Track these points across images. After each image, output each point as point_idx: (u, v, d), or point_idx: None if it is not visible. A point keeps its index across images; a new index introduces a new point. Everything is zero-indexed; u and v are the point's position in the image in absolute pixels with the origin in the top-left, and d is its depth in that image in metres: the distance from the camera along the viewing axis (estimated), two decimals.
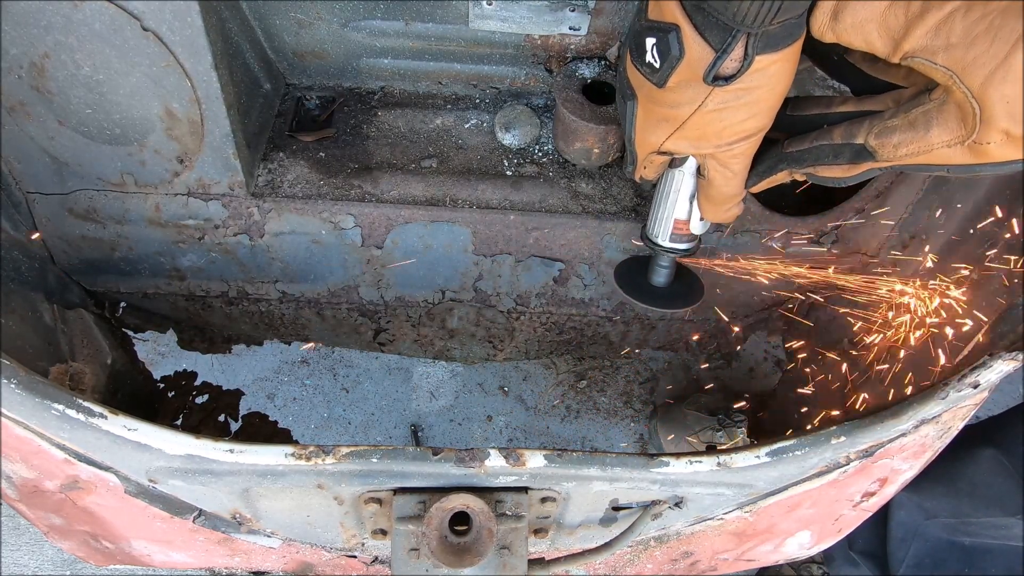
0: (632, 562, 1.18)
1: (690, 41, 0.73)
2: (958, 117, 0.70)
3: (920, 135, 0.73)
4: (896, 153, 0.75)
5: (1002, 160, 0.71)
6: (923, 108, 0.73)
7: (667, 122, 0.84)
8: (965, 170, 0.73)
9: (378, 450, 0.80)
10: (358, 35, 1.25)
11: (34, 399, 0.77)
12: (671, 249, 1.09)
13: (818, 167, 0.84)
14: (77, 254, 1.37)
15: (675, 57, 0.75)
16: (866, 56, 0.82)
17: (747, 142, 0.84)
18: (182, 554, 1.10)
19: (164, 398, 1.55)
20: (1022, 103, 0.65)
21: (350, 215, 1.31)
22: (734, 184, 0.91)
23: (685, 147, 0.87)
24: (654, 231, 1.09)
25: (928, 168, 0.75)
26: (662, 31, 0.75)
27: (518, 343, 1.67)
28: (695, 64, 0.75)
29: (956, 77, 0.67)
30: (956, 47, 0.66)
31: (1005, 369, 0.80)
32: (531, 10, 1.16)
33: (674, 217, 1.05)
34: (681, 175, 1.00)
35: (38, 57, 1.04)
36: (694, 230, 1.06)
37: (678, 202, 1.03)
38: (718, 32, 0.71)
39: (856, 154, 0.79)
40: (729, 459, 0.84)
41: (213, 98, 1.10)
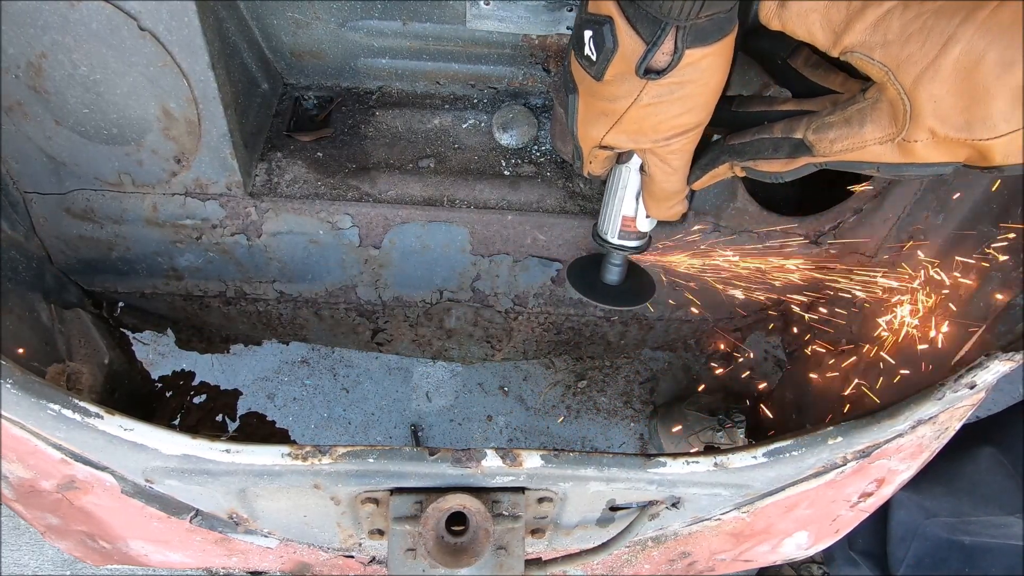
0: (629, 562, 1.18)
1: (622, 34, 0.75)
2: (890, 115, 0.72)
3: (855, 131, 0.75)
4: (832, 148, 0.78)
5: (927, 161, 0.73)
6: (858, 106, 0.75)
7: (606, 116, 0.85)
8: (894, 169, 0.76)
9: (375, 450, 0.80)
10: (356, 35, 1.25)
11: (30, 399, 0.77)
12: (620, 246, 1.09)
13: (758, 160, 0.85)
14: (75, 254, 1.37)
15: (609, 50, 0.76)
16: (808, 61, 0.85)
17: (684, 137, 0.85)
18: (179, 554, 1.10)
19: (162, 398, 1.55)
20: (947, 104, 0.68)
21: (348, 215, 1.31)
22: (674, 180, 0.92)
23: (624, 141, 0.88)
24: (604, 228, 1.09)
25: (861, 166, 0.77)
26: (598, 24, 0.76)
27: (516, 343, 1.67)
28: (628, 57, 0.76)
29: (891, 74, 0.69)
30: (892, 44, 0.68)
31: (1001, 369, 0.80)
32: (528, 10, 1.16)
33: (622, 214, 1.05)
34: (627, 171, 1.00)
35: (35, 57, 1.04)
36: (641, 227, 1.06)
37: (625, 199, 1.03)
38: (648, 25, 0.73)
39: (794, 148, 0.81)
40: (726, 459, 0.84)
41: (210, 98, 1.10)
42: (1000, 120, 0.67)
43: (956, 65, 0.66)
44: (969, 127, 0.68)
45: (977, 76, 0.66)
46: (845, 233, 1.37)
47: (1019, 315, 0.95)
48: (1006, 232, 1.08)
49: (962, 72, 0.66)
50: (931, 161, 0.73)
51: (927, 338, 1.15)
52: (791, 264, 1.39)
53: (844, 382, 1.36)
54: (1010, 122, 0.67)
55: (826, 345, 1.48)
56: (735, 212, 1.31)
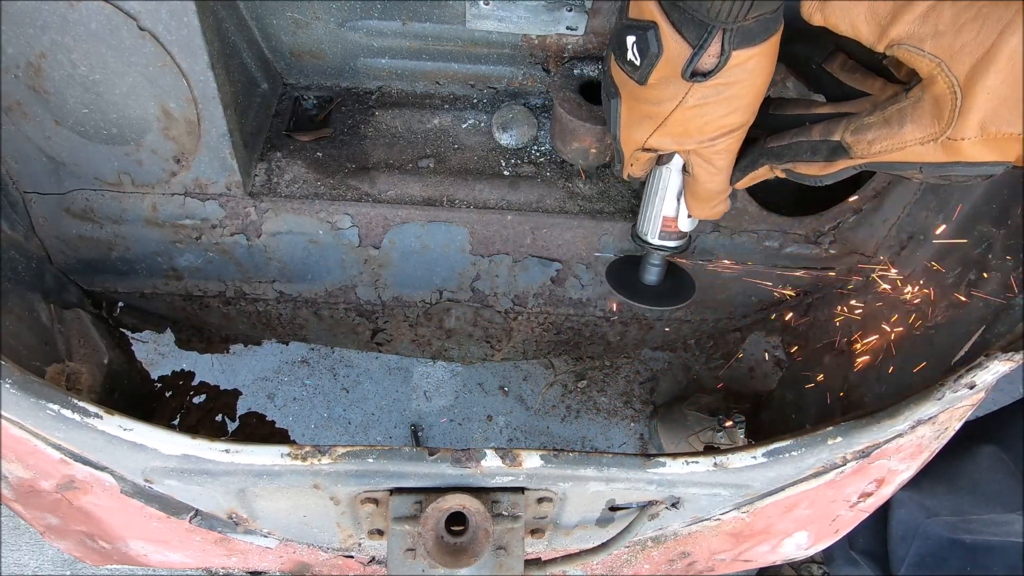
0: (629, 562, 1.18)
1: (668, 38, 0.74)
2: (932, 113, 0.70)
3: (894, 131, 0.73)
4: (870, 150, 0.76)
5: (975, 160, 0.71)
6: (898, 106, 0.73)
7: (650, 119, 0.84)
8: (939, 169, 0.73)
9: (374, 450, 0.80)
10: (355, 35, 1.25)
11: (29, 399, 0.77)
12: (661, 247, 1.09)
13: (797, 163, 0.84)
14: (74, 254, 1.37)
15: (654, 54, 0.76)
16: (844, 65, 0.83)
17: (729, 137, 0.84)
18: (179, 554, 1.10)
19: (162, 398, 1.55)
20: (1003, 96, 0.65)
21: (347, 215, 1.31)
22: (718, 180, 0.91)
23: (668, 143, 0.87)
24: (643, 229, 1.09)
25: (903, 166, 0.75)
26: (641, 29, 0.76)
27: (516, 343, 1.67)
28: (674, 60, 0.76)
29: (944, 65, 0.67)
30: (944, 34, 0.66)
31: (1001, 369, 0.80)
32: (528, 10, 1.16)
33: (663, 215, 1.05)
34: (668, 172, 1.00)
35: (34, 57, 1.04)
36: (682, 227, 1.06)
37: (666, 199, 1.03)
38: (694, 28, 0.72)
39: (832, 151, 0.79)
40: (726, 459, 0.84)
41: (210, 98, 1.10)
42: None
43: (1014, 54, 0.63)
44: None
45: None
46: (845, 233, 1.37)
47: (1019, 315, 0.95)
48: (1005, 232, 1.08)
49: (1020, 62, 0.63)
50: (979, 160, 0.71)
51: (926, 338, 1.15)
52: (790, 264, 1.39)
53: (844, 382, 1.36)
54: None
55: (826, 345, 1.48)
56: (734, 212, 1.31)
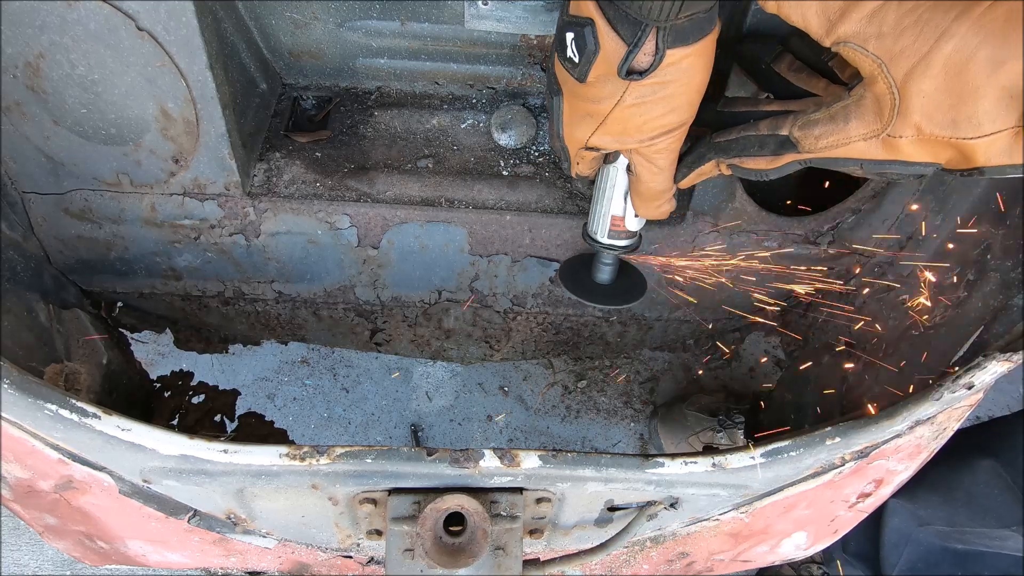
0: (628, 563, 1.18)
1: (604, 35, 0.75)
2: (875, 111, 0.72)
3: (840, 127, 0.75)
4: (817, 145, 0.78)
5: (910, 159, 0.73)
6: (843, 103, 0.75)
7: (591, 117, 0.85)
8: (877, 166, 0.76)
9: (372, 450, 0.80)
10: (354, 35, 1.25)
11: (27, 399, 0.77)
12: (610, 246, 1.09)
13: (744, 158, 0.86)
14: (73, 254, 1.36)
15: (591, 52, 0.76)
16: (791, 66, 0.86)
17: (669, 136, 0.85)
18: (177, 554, 1.10)
19: (161, 398, 1.55)
20: (936, 100, 0.68)
21: (346, 215, 1.31)
22: (661, 179, 0.92)
23: (609, 142, 0.88)
24: (593, 228, 1.09)
25: (845, 162, 0.78)
26: (579, 26, 0.76)
27: (515, 343, 1.67)
28: (610, 58, 0.76)
29: (884, 66, 0.69)
30: (886, 36, 0.68)
31: (999, 370, 0.80)
32: (527, 10, 1.16)
33: (611, 214, 1.05)
34: (615, 171, 1.00)
35: (33, 57, 1.04)
36: (630, 227, 1.06)
37: (613, 198, 1.03)
38: (629, 26, 0.73)
39: (780, 145, 0.81)
40: (724, 460, 0.84)
41: (208, 98, 1.10)
42: (986, 119, 0.67)
43: (948, 61, 0.66)
44: (955, 125, 0.68)
45: (967, 74, 0.66)
46: (843, 233, 1.37)
47: (1017, 315, 0.95)
48: (1003, 232, 1.08)
49: (953, 69, 0.66)
50: (914, 160, 0.73)
51: (925, 338, 1.15)
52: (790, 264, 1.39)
53: (842, 382, 1.35)
54: (995, 122, 0.67)
55: (825, 345, 1.48)
56: (733, 212, 1.31)
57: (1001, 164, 0.69)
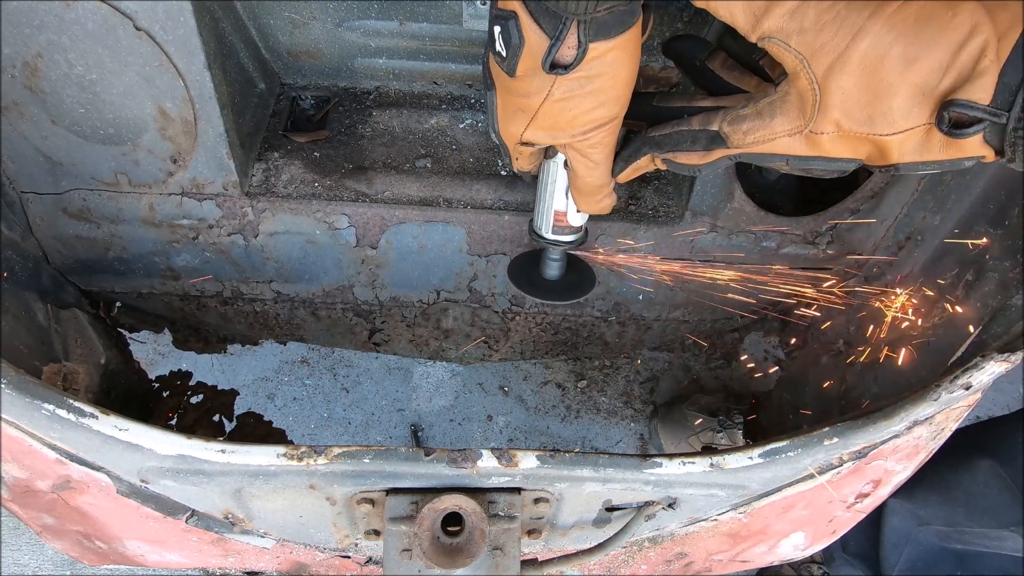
0: (626, 563, 1.18)
1: (527, 29, 0.75)
2: (798, 107, 0.74)
3: (766, 123, 0.77)
4: (745, 140, 0.79)
5: (832, 155, 0.75)
6: (769, 99, 0.77)
7: (522, 112, 0.85)
8: (802, 162, 0.77)
9: (370, 451, 0.80)
10: (352, 35, 1.25)
11: (25, 399, 0.77)
12: (555, 242, 1.09)
13: (677, 152, 0.87)
14: (71, 254, 1.36)
15: (516, 45, 0.77)
16: (724, 63, 0.87)
17: (602, 131, 0.85)
18: (175, 554, 1.10)
19: (159, 398, 1.55)
20: (854, 97, 0.69)
21: (344, 215, 1.31)
22: (597, 174, 0.92)
23: (543, 137, 0.88)
24: (538, 224, 1.09)
25: (772, 158, 0.79)
26: (504, 19, 0.76)
27: (513, 343, 1.67)
28: (535, 52, 0.76)
29: (805, 62, 0.70)
30: (807, 32, 0.69)
31: (997, 371, 0.80)
32: None
33: (553, 209, 1.05)
34: (555, 166, 1.00)
35: (31, 56, 1.04)
36: (572, 222, 1.06)
37: (555, 194, 1.03)
38: (550, 20, 0.73)
39: (711, 140, 0.83)
40: (722, 460, 0.84)
41: (207, 98, 1.10)
42: (899, 116, 0.68)
43: (863, 58, 0.67)
44: (871, 121, 0.70)
45: (881, 71, 0.67)
46: (842, 234, 1.37)
47: (1015, 316, 0.95)
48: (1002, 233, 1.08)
49: (868, 66, 0.67)
50: (836, 156, 0.75)
51: (923, 338, 1.15)
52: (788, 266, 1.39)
53: (841, 383, 1.35)
54: (908, 119, 0.68)
55: (823, 346, 1.48)
56: (732, 212, 1.31)
57: (914, 161, 0.71)
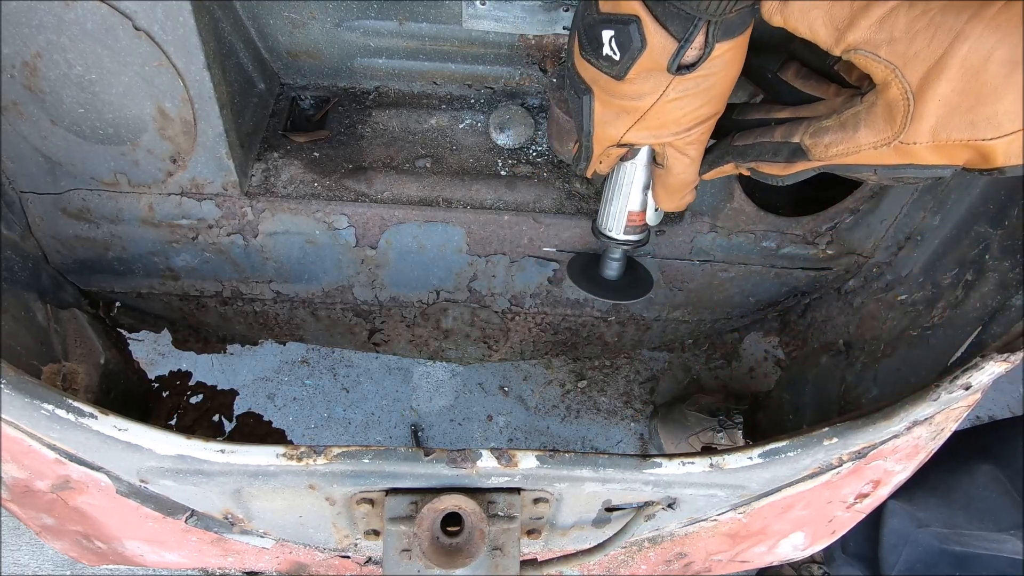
0: (626, 563, 1.18)
1: (652, 32, 0.74)
2: (885, 119, 0.72)
3: (849, 135, 0.76)
4: (827, 152, 0.78)
5: (925, 163, 0.73)
6: (853, 110, 0.75)
7: (627, 114, 0.85)
8: (891, 171, 0.76)
9: (369, 451, 0.80)
10: (352, 35, 1.25)
11: (24, 399, 0.77)
12: (626, 242, 1.11)
13: (760, 163, 0.87)
14: (71, 254, 1.36)
15: (636, 48, 0.76)
16: (798, 73, 0.86)
17: (703, 127, 0.86)
18: (175, 554, 1.10)
19: (159, 398, 1.55)
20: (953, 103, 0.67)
21: (344, 215, 1.31)
22: (692, 171, 0.93)
23: (645, 137, 0.88)
24: (607, 225, 1.10)
25: (858, 169, 0.78)
26: (621, 23, 0.75)
27: (513, 344, 1.67)
28: (657, 55, 0.76)
29: (898, 71, 0.68)
30: (898, 41, 0.67)
31: (997, 371, 0.80)
32: (525, 10, 1.16)
33: (628, 210, 1.06)
34: (634, 167, 1.01)
35: (30, 56, 1.04)
36: (649, 221, 1.08)
37: (631, 194, 1.04)
38: (679, 22, 0.73)
39: (792, 153, 0.82)
40: (722, 460, 0.84)
41: (206, 98, 1.10)
42: (1005, 120, 0.66)
43: (964, 63, 0.65)
44: (973, 127, 0.68)
45: (985, 75, 0.65)
46: (842, 234, 1.37)
47: (1015, 316, 0.95)
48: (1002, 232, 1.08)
49: (970, 71, 0.65)
50: (930, 163, 0.73)
51: (923, 338, 1.15)
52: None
53: (841, 383, 1.35)
54: (1015, 121, 0.66)
55: (823, 346, 1.48)
56: (732, 212, 1.31)
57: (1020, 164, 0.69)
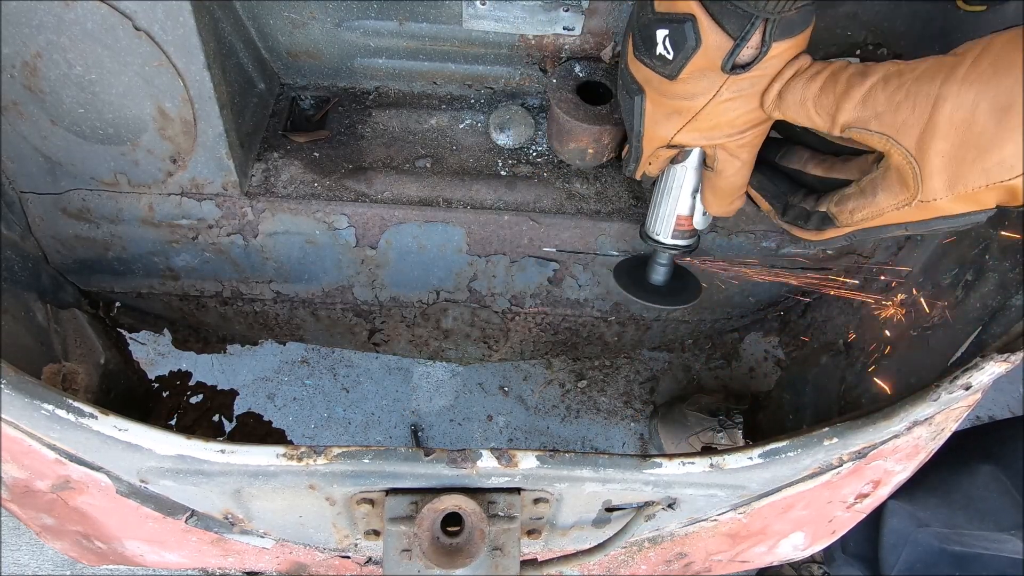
0: (626, 563, 1.18)
1: (707, 31, 0.74)
2: (899, 181, 0.74)
3: (870, 200, 0.78)
4: (852, 219, 0.81)
5: (953, 213, 0.74)
6: (871, 176, 0.78)
7: (679, 114, 0.84)
8: (923, 226, 0.78)
9: (369, 451, 0.80)
10: (352, 35, 1.25)
11: (24, 399, 0.77)
12: (674, 246, 1.10)
13: (794, 228, 0.90)
14: (71, 254, 1.36)
15: (691, 47, 0.76)
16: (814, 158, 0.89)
17: (757, 129, 0.86)
18: (175, 554, 1.10)
19: (159, 398, 1.55)
20: (957, 156, 0.69)
21: (344, 215, 1.31)
22: (743, 174, 0.92)
23: (696, 138, 0.88)
24: (656, 229, 1.09)
25: (889, 229, 0.80)
26: (676, 22, 0.75)
27: (513, 344, 1.67)
28: (712, 54, 0.76)
29: (892, 139, 0.71)
30: (884, 114, 0.71)
31: (997, 371, 0.80)
32: (525, 10, 1.16)
33: (677, 213, 1.05)
34: (684, 170, 1.00)
35: (30, 56, 1.03)
36: (697, 225, 1.07)
37: (680, 198, 1.03)
38: (736, 20, 0.72)
39: (821, 221, 0.85)
40: (722, 460, 0.84)
41: (206, 98, 1.09)
42: (1015, 160, 0.67)
43: (951, 120, 0.67)
44: (987, 173, 0.69)
45: (976, 127, 0.67)
46: None
47: (1015, 316, 0.95)
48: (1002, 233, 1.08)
49: (960, 125, 0.67)
50: (959, 212, 0.74)
51: (923, 339, 1.15)
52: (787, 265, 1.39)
53: (841, 383, 1.35)
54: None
55: (823, 346, 1.48)
56: None
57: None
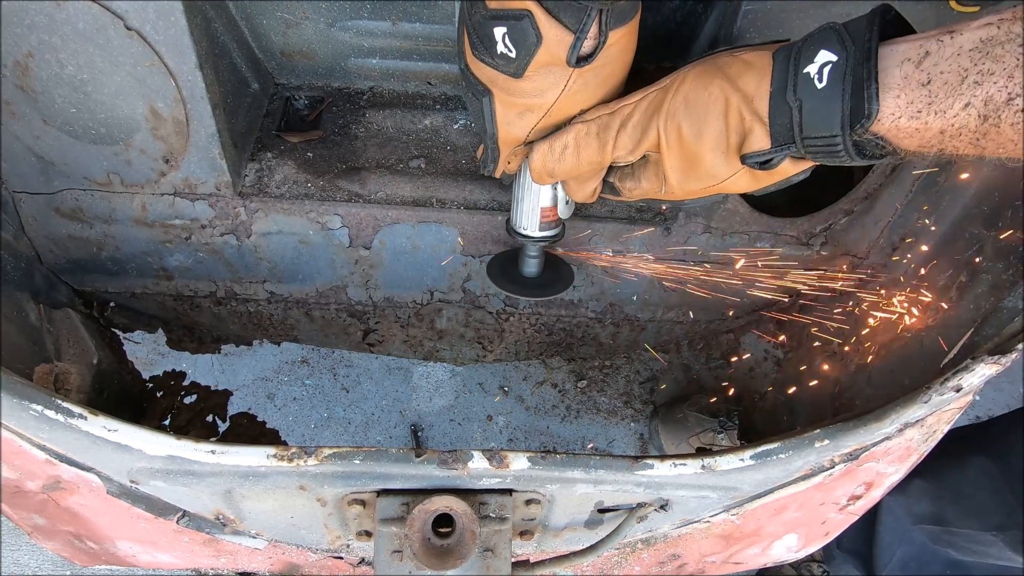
0: (619, 564, 1.18)
1: (545, 25, 0.73)
2: (656, 175, 0.85)
3: (638, 184, 0.88)
4: (631, 194, 0.91)
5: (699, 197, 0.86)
6: (643, 164, 0.87)
7: (531, 112, 0.84)
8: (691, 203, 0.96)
9: (360, 452, 0.79)
10: (345, 35, 1.25)
11: (12, 399, 0.76)
12: (542, 238, 1.12)
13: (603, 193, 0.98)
14: (64, 254, 1.36)
15: (533, 44, 0.75)
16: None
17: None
18: (167, 555, 1.10)
19: (153, 398, 1.54)
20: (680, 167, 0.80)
21: (337, 215, 1.31)
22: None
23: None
24: (522, 223, 1.11)
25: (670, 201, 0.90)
26: (513, 19, 0.74)
27: (508, 344, 1.67)
28: (554, 48, 0.75)
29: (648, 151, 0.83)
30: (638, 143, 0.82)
31: (988, 373, 0.80)
32: None
33: (540, 206, 1.07)
34: None
35: (22, 56, 1.03)
36: (562, 215, 1.10)
37: (542, 191, 1.06)
38: (572, 13, 0.72)
39: (611, 189, 0.94)
40: (713, 462, 0.84)
41: (198, 98, 1.09)
42: (716, 171, 0.77)
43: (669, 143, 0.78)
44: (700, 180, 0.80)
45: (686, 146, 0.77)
46: (836, 235, 1.37)
47: (1007, 318, 0.95)
48: (996, 234, 1.08)
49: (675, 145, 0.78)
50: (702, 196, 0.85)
51: (917, 340, 1.15)
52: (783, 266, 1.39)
53: (835, 384, 1.35)
54: (724, 170, 0.77)
55: (817, 347, 1.48)
56: (726, 213, 1.31)
57: (754, 188, 0.79)
